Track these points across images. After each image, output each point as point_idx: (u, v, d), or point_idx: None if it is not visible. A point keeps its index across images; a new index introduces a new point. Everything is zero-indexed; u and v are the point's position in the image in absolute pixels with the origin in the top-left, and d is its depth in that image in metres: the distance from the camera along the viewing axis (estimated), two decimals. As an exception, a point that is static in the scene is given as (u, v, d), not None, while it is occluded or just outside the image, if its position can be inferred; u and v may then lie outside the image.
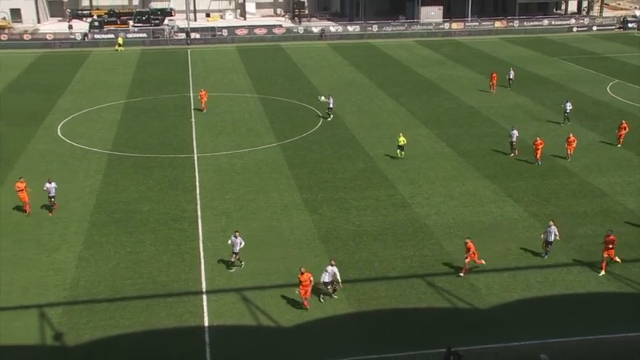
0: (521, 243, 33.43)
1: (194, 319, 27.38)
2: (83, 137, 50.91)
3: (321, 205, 38.09)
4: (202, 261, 31.78)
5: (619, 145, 47.44)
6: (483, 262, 30.54)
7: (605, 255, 30.30)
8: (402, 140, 45.16)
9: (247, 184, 41.36)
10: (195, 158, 46.08)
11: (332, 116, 55.16)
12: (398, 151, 45.34)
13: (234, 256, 30.67)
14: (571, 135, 45.22)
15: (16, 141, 49.92)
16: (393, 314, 27.72)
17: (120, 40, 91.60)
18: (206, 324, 27.02)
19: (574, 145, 44.58)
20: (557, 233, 31.54)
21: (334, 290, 28.33)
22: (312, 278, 27.46)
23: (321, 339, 25.95)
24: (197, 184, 41.42)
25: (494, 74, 64.85)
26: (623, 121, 48.19)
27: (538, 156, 43.92)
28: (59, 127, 53.88)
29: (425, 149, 47.65)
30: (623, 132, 47.60)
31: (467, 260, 30.10)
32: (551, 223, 31.81)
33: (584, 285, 29.73)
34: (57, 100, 62.82)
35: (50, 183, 37.15)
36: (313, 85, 67.85)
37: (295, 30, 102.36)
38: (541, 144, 43.86)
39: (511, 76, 66.11)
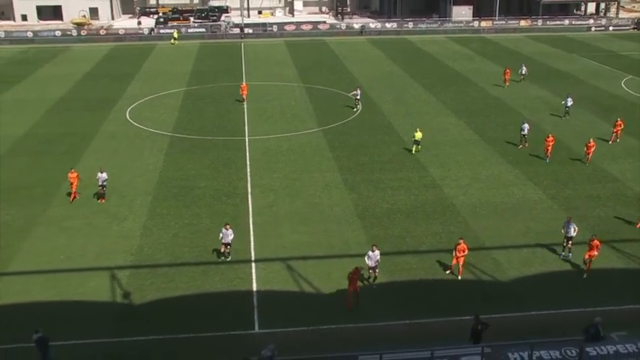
0: (541, 223, 32.82)
1: (244, 284, 27.48)
2: (148, 120, 51.32)
3: (359, 185, 37.85)
4: (252, 233, 31.86)
5: (610, 142, 44.50)
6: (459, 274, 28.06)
7: (587, 257, 28.01)
8: (419, 135, 42.61)
9: (292, 164, 41.27)
10: (247, 140, 46.11)
11: (359, 107, 53.55)
12: (414, 146, 42.65)
13: (225, 247, 28.92)
14: (591, 140, 41.07)
15: (91, 123, 50.54)
16: (423, 285, 27.48)
17: (175, 34, 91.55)
18: (254, 289, 27.13)
19: (592, 150, 40.54)
20: (576, 228, 29.17)
21: (375, 278, 27.24)
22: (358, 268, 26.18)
23: (358, 306, 25.83)
24: (247, 163, 41.47)
25: (508, 70, 62.76)
26: (619, 119, 45.26)
27: (548, 152, 41.23)
28: (128, 111, 54.39)
29: (454, 136, 46.98)
30: (618, 129, 44.67)
31: (454, 262, 27.74)
32: (568, 218, 29.82)
33: (596, 262, 29.05)
34: (126, 87, 63.38)
35: (102, 172, 35.42)
36: (354, 76, 67.31)
37: (338, 26, 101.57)
38: (552, 141, 41.28)
39: (523, 72, 64.09)
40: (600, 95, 59.13)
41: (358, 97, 54.45)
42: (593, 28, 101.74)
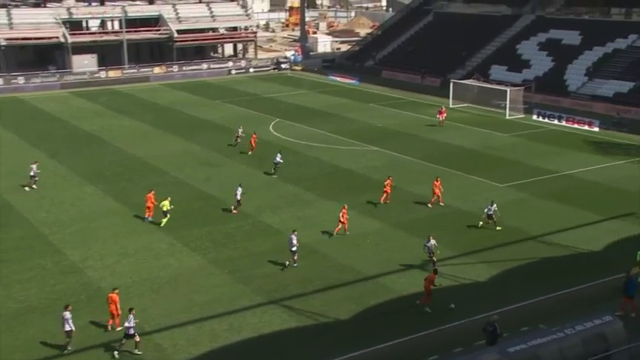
0: (205, 293, 34.05)
1: None
2: None
3: (-25, 285, 35.36)
4: None
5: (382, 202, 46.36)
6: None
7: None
8: (166, 205, 42.96)
9: None
10: None
11: None
12: (164, 219, 42.83)
13: None
14: (344, 210, 41.24)
15: None
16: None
17: None
18: None
19: (344, 222, 40.94)
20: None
21: None
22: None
23: None
24: None
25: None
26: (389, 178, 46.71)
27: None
28: None
29: (92, 207, 46.56)
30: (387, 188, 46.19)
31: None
32: (429, 237, 37.00)
33: (269, 325, 31.20)
34: None
35: None
36: (-47, 150, 62.84)
37: None
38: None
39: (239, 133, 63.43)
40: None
41: None
42: (233, 71, 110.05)
